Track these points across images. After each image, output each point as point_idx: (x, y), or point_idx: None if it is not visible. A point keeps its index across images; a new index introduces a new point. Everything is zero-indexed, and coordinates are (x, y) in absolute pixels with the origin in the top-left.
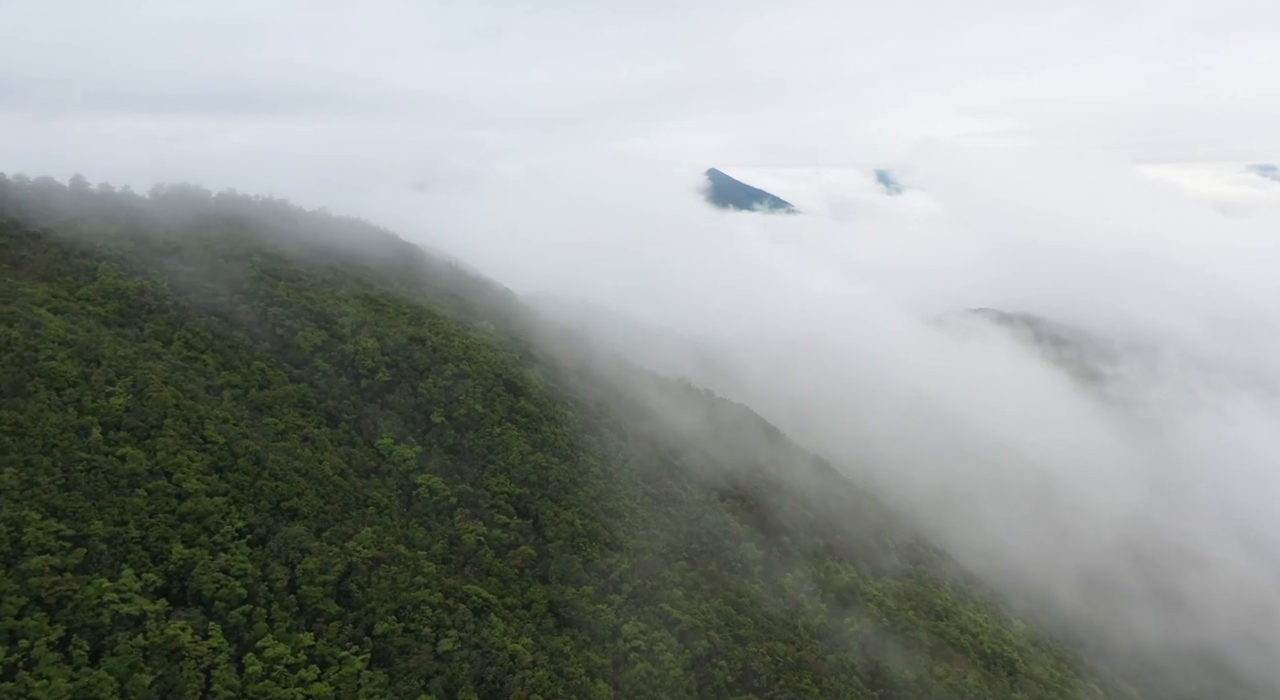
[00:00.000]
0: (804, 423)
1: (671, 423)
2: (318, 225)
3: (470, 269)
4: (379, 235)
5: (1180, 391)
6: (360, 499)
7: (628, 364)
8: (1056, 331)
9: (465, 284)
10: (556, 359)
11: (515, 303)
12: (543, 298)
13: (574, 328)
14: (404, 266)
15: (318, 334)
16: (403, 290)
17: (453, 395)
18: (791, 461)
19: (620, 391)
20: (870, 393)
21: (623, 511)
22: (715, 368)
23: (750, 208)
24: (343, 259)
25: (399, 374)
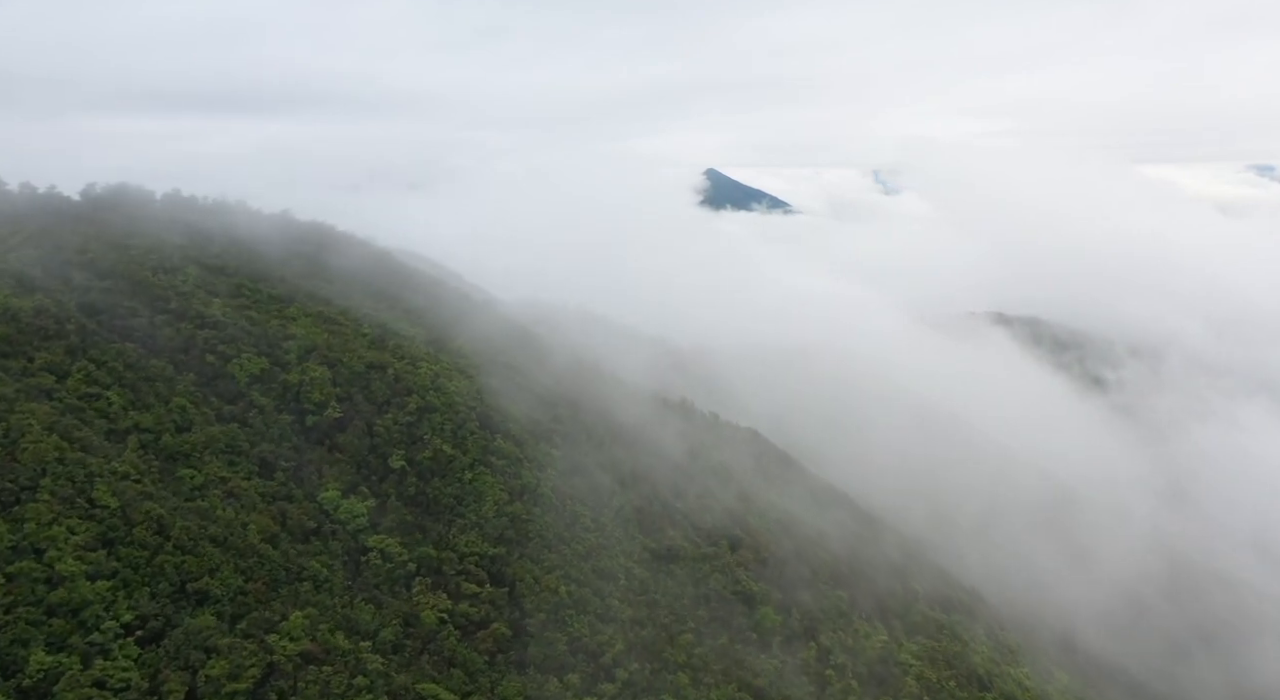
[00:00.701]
0: (804, 433)
1: (673, 455)
2: (276, 231)
3: (455, 277)
4: (348, 243)
5: (1187, 397)
6: (293, 572)
7: (624, 383)
8: (1057, 334)
9: (443, 296)
10: (543, 384)
11: (500, 316)
12: (534, 305)
13: (566, 342)
14: (373, 277)
15: (257, 361)
16: (367, 305)
17: (416, 433)
18: (805, 493)
19: (615, 419)
20: (871, 400)
21: (617, 573)
22: (712, 378)
23: (748, 208)
24: (300, 270)
25: (353, 409)
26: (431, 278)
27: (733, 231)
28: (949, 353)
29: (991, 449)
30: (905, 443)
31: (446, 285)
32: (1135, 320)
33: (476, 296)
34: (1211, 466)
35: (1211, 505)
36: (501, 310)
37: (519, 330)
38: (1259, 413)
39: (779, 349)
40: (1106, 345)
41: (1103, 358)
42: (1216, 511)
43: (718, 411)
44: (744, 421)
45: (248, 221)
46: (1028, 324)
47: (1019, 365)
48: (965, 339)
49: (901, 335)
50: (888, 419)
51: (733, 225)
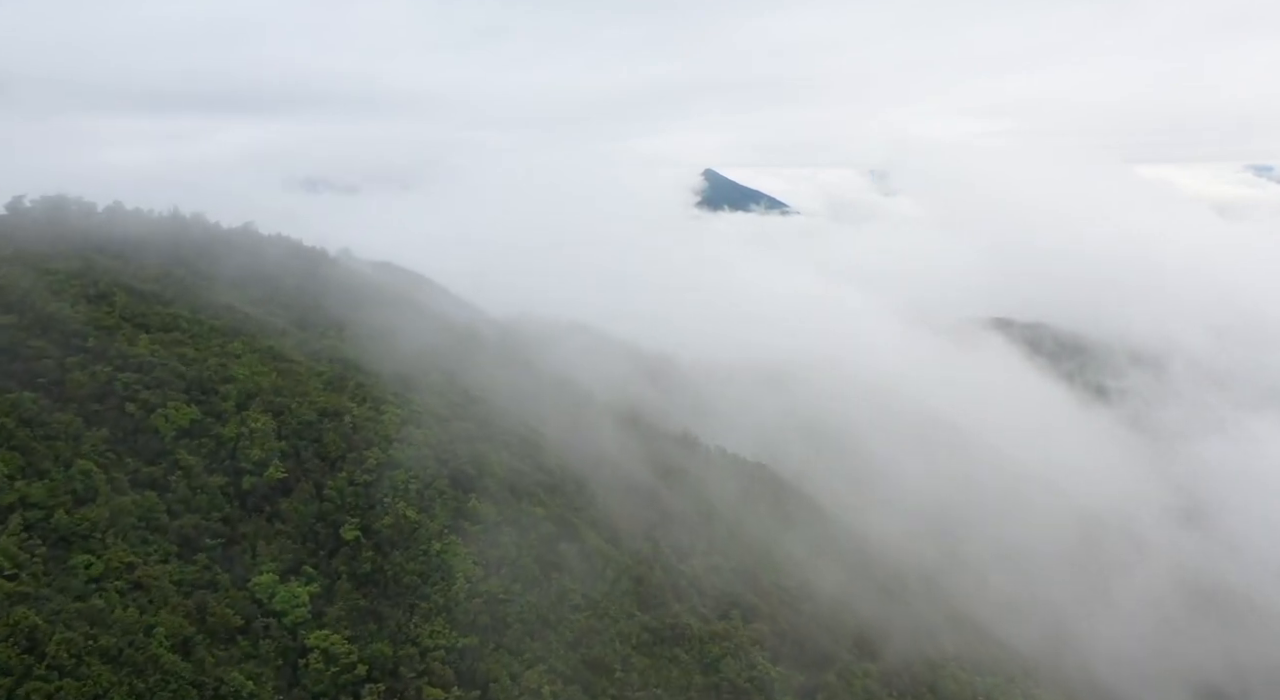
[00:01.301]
0: (796, 451)
1: (677, 505)
2: (234, 249)
3: (440, 293)
4: (318, 259)
5: (1194, 408)
6: (208, 689)
7: (621, 418)
8: (1058, 340)
9: (419, 322)
10: (528, 426)
11: (484, 341)
12: (524, 321)
13: (557, 368)
14: (341, 301)
15: (186, 411)
16: (328, 337)
17: (375, 496)
18: (820, 538)
19: (612, 463)
20: (868, 414)
21: (612, 662)
22: (702, 393)
23: (747, 209)
24: (256, 295)
25: (299, 467)
26: (411, 299)
27: (729, 234)
28: (949, 361)
29: (999, 465)
30: (907, 460)
31: (426, 308)
32: (1136, 325)
33: (458, 318)
34: (1226, 483)
35: (1230, 525)
36: (486, 333)
37: (504, 358)
38: (1269, 425)
39: (771, 360)
40: (1108, 352)
41: (1105, 366)
42: (1236, 532)
43: (708, 431)
44: (734, 439)
45: (203, 238)
46: (1027, 329)
47: (1021, 374)
48: (965, 346)
49: (899, 343)
50: (887, 434)
51: (730, 226)
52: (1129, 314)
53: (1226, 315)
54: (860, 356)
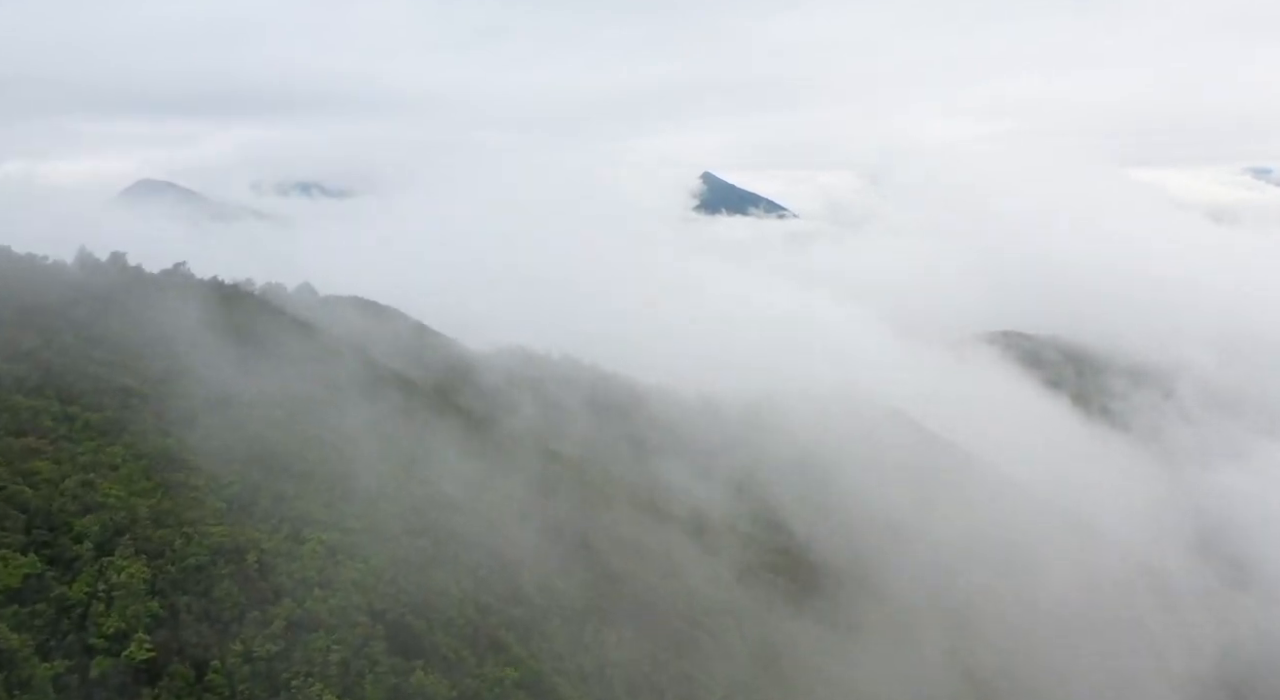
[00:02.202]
0: (784, 490)
1: (693, 637)
2: (153, 302)
3: (414, 332)
4: (251, 313)
5: (1204, 432)
6: None
7: (619, 484)
8: (1059, 356)
9: (376, 389)
10: (492, 542)
11: (453, 405)
12: (507, 355)
13: (543, 431)
14: (271, 367)
15: (19, 562)
16: (236, 436)
17: (279, 678)
18: (852, 620)
19: (612, 572)
20: (864, 446)
21: None
22: (681, 428)
23: (745, 212)
24: (157, 370)
25: (177, 639)
26: (372, 355)
27: (725, 239)
28: (949, 383)
29: (1017, 501)
30: (912, 504)
31: (387, 368)
32: (1138, 342)
33: (432, 365)
34: (1243, 514)
35: (1253, 563)
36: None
37: (474, 425)
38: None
39: (757, 387)
40: (1111, 371)
41: (1108, 385)
42: (1260, 570)
43: (685, 470)
44: (717, 479)
45: (107, 286)
46: (1026, 345)
47: (1027, 395)
48: (965, 364)
49: (894, 363)
50: (889, 472)
51: (727, 230)
52: (1131, 329)
53: (1229, 330)
54: (850, 378)
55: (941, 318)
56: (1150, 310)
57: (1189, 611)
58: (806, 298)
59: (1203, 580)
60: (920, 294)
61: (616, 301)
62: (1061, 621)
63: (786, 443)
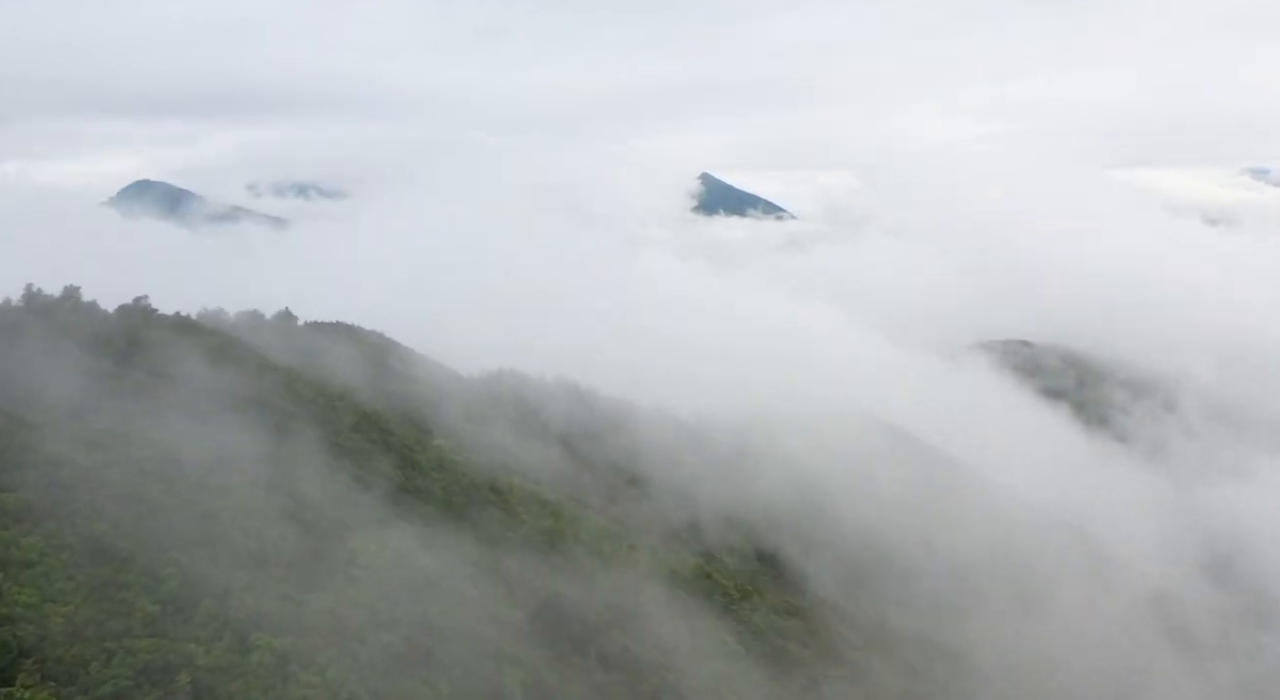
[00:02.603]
0: (770, 525)
1: None
2: (54, 341)
3: (403, 360)
4: (220, 350)
5: (1209, 447)
6: None
7: (620, 542)
8: (1057, 364)
9: (356, 448)
10: (487, 617)
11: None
12: (498, 382)
13: (542, 454)
14: (233, 414)
15: None
16: (182, 520)
17: None
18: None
19: (609, 656)
20: (871, 458)
21: None
22: (663, 455)
23: (743, 213)
24: (85, 439)
25: None
26: (353, 392)
27: (722, 241)
28: (950, 394)
29: (1020, 520)
30: (910, 521)
31: (372, 409)
32: (1139, 348)
33: (417, 395)
34: (1257, 536)
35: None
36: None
37: (456, 477)
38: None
39: (750, 405)
40: (1112, 380)
41: (1110, 395)
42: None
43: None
44: (714, 512)
45: (39, 328)
46: (1025, 352)
47: (1027, 407)
48: (963, 373)
49: (895, 374)
50: (885, 490)
51: (726, 231)
52: (1132, 337)
53: (1232, 339)
54: (847, 393)
55: (939, 323)
56: (1151, 317)
57: (1206, 648)
58: (801, 306)
59: (1218, 608)
60: (917, 299)
61: (606, 317)
62: (1073, 662)
63: (780, 467)
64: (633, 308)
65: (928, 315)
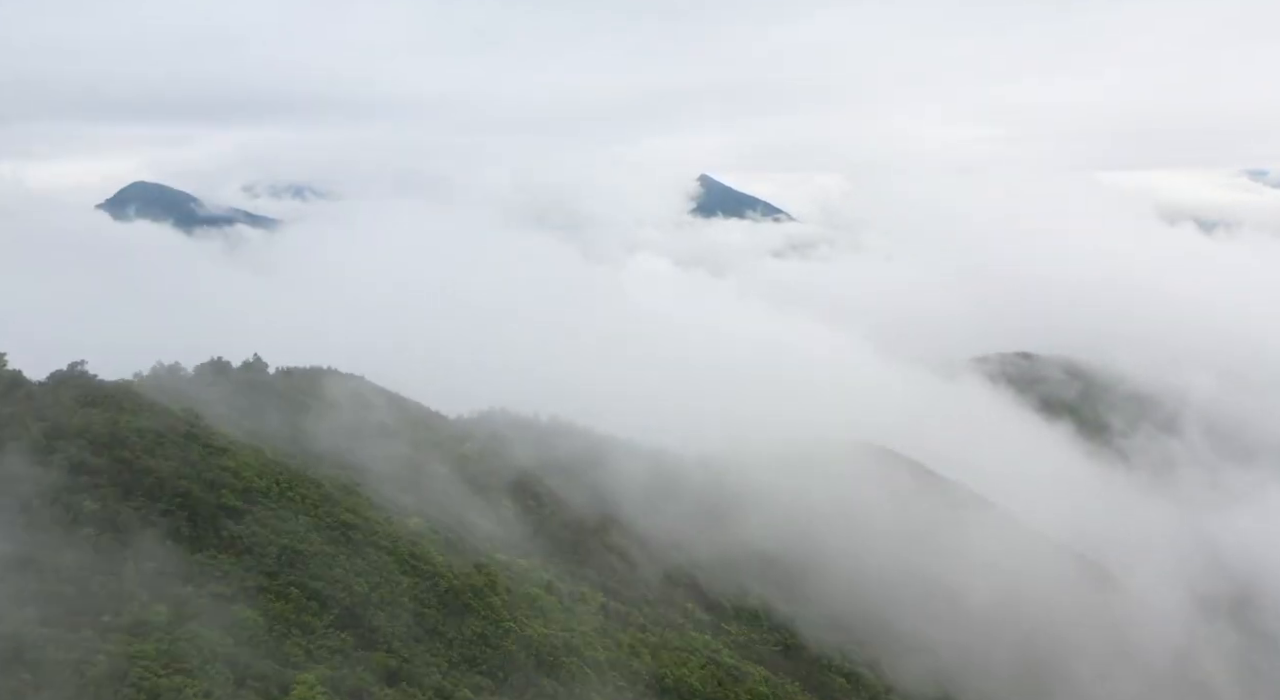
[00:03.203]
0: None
1: None
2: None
3: (386, 408)
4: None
5: (1214, 473)
6: None
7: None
8: (1057, 377)
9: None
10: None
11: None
12: (492, 422)
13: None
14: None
15: None
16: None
17: None
18: None
19: None
20: (865, 486)
21: None
22: (635, 493)
23: (742, 215)
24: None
25: None
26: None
27: (720, 244)
28: (947, 413)
29: (1028, 552)
30: (910, 557)
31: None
32: (1140, 362)
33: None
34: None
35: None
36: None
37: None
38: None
39: (737, 430)
40: (1115, 394)
41: (1111, 412)
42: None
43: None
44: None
45: None
46: (1023, 365)
47: (1027, 426)
48: (959, 390)
49: (888, 392)
50: (882, 521)
51: (723, 233)
52: (1134, 351)
53: (1231, 351)
54: (839, 415)
55: (935, 334)
56: (1152, 329)
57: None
58: (793, 320)
59: (1238, 649)
60: (912, 309)
61: (588, 337)
62: None
63: (770, 507)
64: (618, 327)
65: (923, 325)
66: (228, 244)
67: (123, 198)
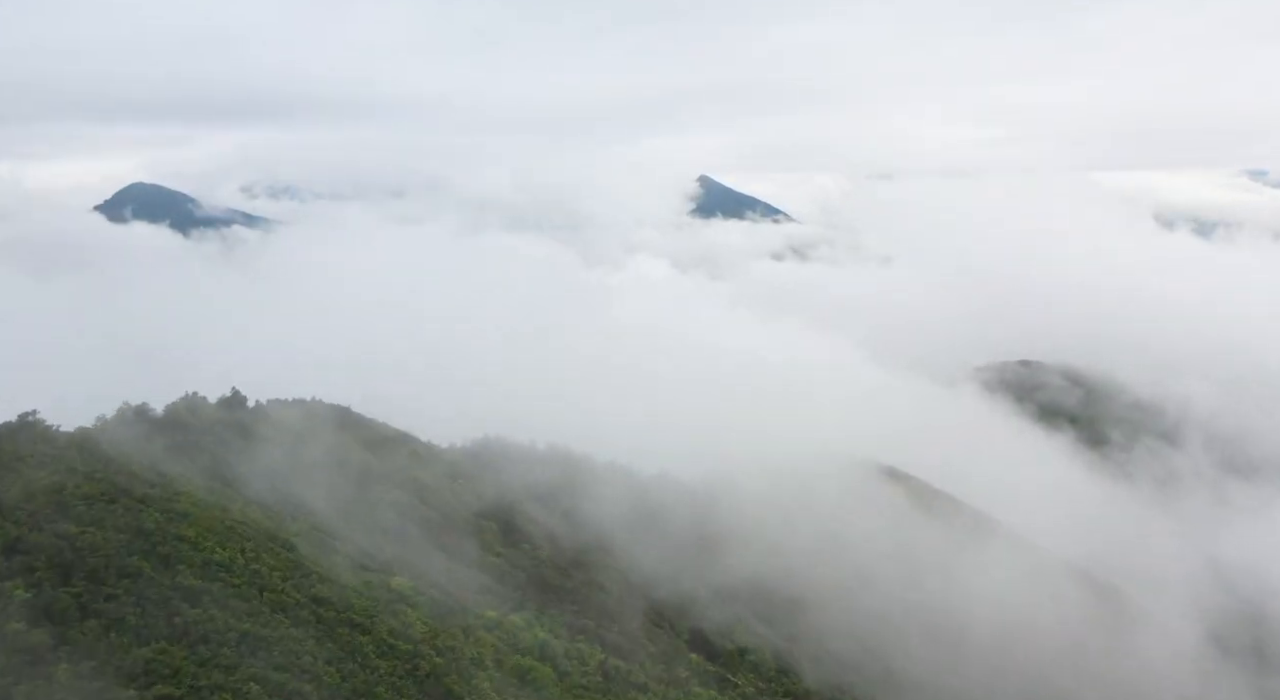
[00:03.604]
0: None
1: None
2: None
3: (357, 434)
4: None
5: (1218, 487)
6: None
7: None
8: (1058, 385)
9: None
10: None
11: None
12: (488, 451)
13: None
14: None
15: None
16: None
17: None
18: None
19: None
20: (865, 509)
21: None
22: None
23: (741, 216)
24: None
25: None
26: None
27: (718, 246)
28: (948, 427)
29: (1040, 575)
30: (915, 589)
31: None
32: (1140, 367)
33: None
34: None
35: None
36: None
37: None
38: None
39: (726, 451)
40: (1117, 404)
41: (1113, 422)
42: None
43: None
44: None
45: None
46: (1023, 373)
47: (1029, 443)
48: (960, 401)
49: (887, 407)
50: (883, 547)
51: (722, 235)
52: (1131, 355)
53: (1232, 361)
54: (836, 430)
55: (933, 342)
56: (1153, 335)
57: None
58: (789, 328)
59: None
60: (910, 316)
61: (579, 350)
62: None
63: (765, 525)
64: (608, 343)
65: (921, 331)
66: (225, 246)
67: (121, 199)
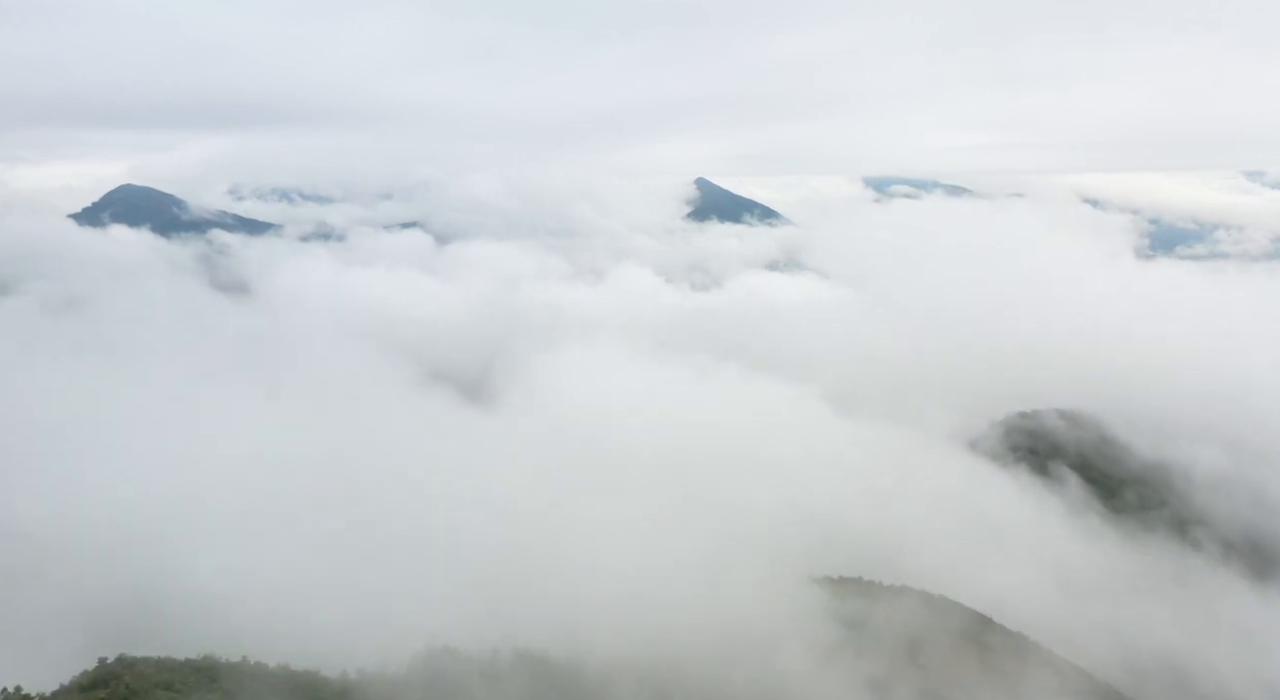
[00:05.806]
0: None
1: None
2: None
3: None
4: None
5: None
6: None
7: None
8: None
9: None
10: None
11: None
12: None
13: None
14: None
15: None
16: None
17: None
18: None
19: None
20: None
21: None
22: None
23: (738, 219)
24: None
25: None
26: None
27: (712, 252)
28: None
29: None
30: None
31: None
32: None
33: None
34: None
35: None
36: None
37: None
38: None
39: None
40: (1122, 473)
41: (1122, 490)
42: None
43: None
44: None
45: None
46: (1027, 427)
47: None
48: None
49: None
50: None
51: (716, 240)
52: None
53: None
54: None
55: (926, 388)
56: (1158, 378)
57: None
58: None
59: None
60: (893, 355)
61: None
62: None
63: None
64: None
65: (912, 375)
66: (211, 249)
67: (106, 202)
